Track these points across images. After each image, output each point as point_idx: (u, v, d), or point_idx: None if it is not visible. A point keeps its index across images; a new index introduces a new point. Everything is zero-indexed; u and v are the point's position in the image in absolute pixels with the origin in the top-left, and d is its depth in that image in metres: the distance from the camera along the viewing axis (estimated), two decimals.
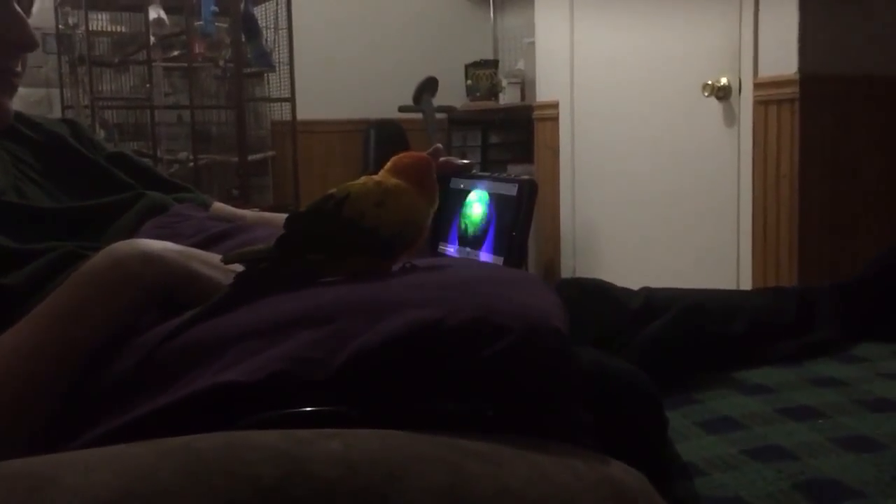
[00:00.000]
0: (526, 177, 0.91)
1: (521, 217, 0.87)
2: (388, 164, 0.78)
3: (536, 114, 3.88)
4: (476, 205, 0.94)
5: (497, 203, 0.91)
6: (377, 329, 0.57)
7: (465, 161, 0.96)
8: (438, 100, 4.10)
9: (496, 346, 0.56)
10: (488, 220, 0.91)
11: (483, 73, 4.46)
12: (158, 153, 3.83)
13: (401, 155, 0.78)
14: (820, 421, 0.88)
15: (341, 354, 0.57)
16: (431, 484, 0.44)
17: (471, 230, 0.94)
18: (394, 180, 0.74)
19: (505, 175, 0.93)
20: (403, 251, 0.73)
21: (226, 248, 0.90)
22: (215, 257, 0.78)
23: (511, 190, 0.89)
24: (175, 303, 0.71)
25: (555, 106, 3.73)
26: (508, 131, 4.49)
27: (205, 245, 0.89)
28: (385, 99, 4.24)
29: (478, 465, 0.47)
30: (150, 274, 0.71)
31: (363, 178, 0.76)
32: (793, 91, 2.68)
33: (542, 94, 3.84)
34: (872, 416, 0.88)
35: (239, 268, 0.79)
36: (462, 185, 0.96)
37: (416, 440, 0.49)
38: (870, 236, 2.74)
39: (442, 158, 0.94)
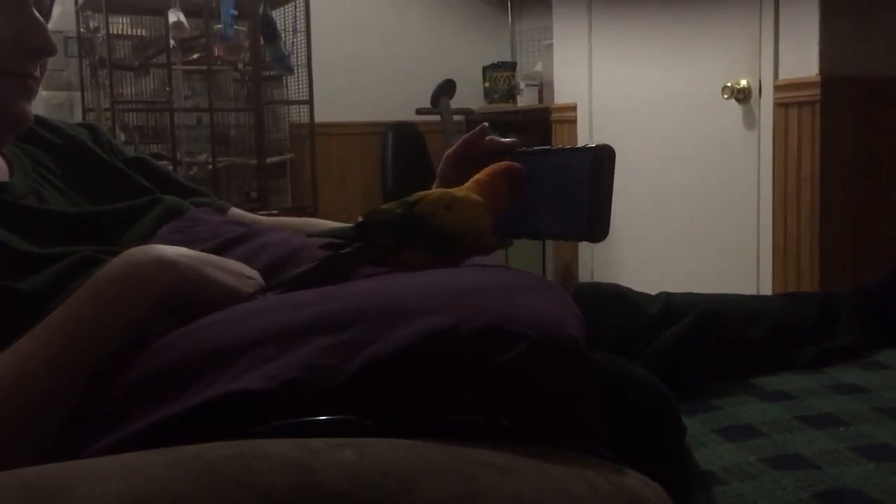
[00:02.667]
0: (598, 143, 0.86)
1: (602, 185, 0.82)
2: (478, 174, 0.83)
3: (554, 116, 3.87)
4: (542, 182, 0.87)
5: (569, 174, 0.85)
6: (390, 336, 0.57)
7: (511, 139, 0.94)
8: (456, 102, 4.09)
9: (510, 354, 0.56)
10: (559, 196, 0.85)
11: (501, 75, 4.46)
12: (178, 156, 3.86)
13: (478, 177, 0.83)
14: (841, 429, 0.87)
15: (354, 362, 0.56)
16: (444, 494, 0.44)
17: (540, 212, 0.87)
18: (465, 192, 0.81)
19: (570, 146, 0.88)
20: (465, 252, 0.80)
21: (241, 252, 0.90)
22: (230, 262, 0.78)
23: (582, 160, 0.83)
24: (190, 309, 0.71)
25: (573, 108, 3.71)
26: (526, 134, 4.48)
27: (220, 249, 0.90)
28: (403, 101, 4.25)
29: (491, 475, 0.46)
30: (165, 280, 0.71)
31: (440, 189, 0.84)
32: (814, 93, 2.65)
33: (560, 97, 3.83)
34: (894, 423, 0.87)
35: (256, 276, 0.79)
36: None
37: (429, 450, 0.48)
38: (894, 240, 2.71)
39: (487, 138, 0.93)
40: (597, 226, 0.82)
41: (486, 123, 0.98)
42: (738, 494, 0.76)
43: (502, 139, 0.93)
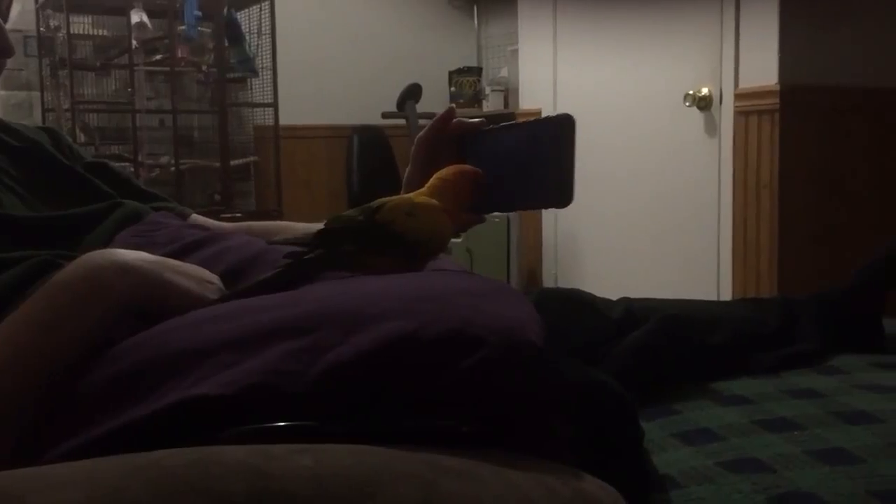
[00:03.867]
0: (558, 113, 0.87)
1: (564, 152, 0.83)
2: (431, 180, 0.84)
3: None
4: (508, 154, 0.90)
5: (532, 146, 0.87)
6: (352, 341, 0.57)
7: (478, 119, 0.95)
8: (422, 106, 4.10)
9: (471, 359, 0.56)
10: (526, 168, 0.87)
11: (467, 80, 4.47)
12: (140, 157, 3.81)
13: (441, 175, 0.84)
14: (797, 433, 0.88)
15: (316, 367, 0.56)
16: (403, 500, 0.44)
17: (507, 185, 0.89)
18: (426, 198, 0.82)
19: (532, 119, 0.90)
20: (426, 258, 0.81)
21: (202, 256, 0.90)
22: (190, 267, 0.78)
23: (544, 131, 0.86)
24: (150, 313, 0.71)
25: (537, 114, 3.74)
26: None
27: (180, 253, 0.89)
28: (369, 105, 4.24)
29: (452, 481, 0.46)
30: (123, 285, 0.70)
31: (400, 195, 0.84)
32: (773, 102, 2.70)
33: (526, 102, 3.85)
34: (849, 428, 0.89)
35: (216, 280, 0.78)
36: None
37: (389, 455, 0.48)
38: (852, 246, 2.76)
39: (455, 120, 0.95)
40: (563, 191, 0.84)
41: (453, 105, 1.00)
42: (696, 498, 0.77)
43: (470, 120, 0.95)
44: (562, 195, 0.84)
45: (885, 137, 2.87)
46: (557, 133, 0.84)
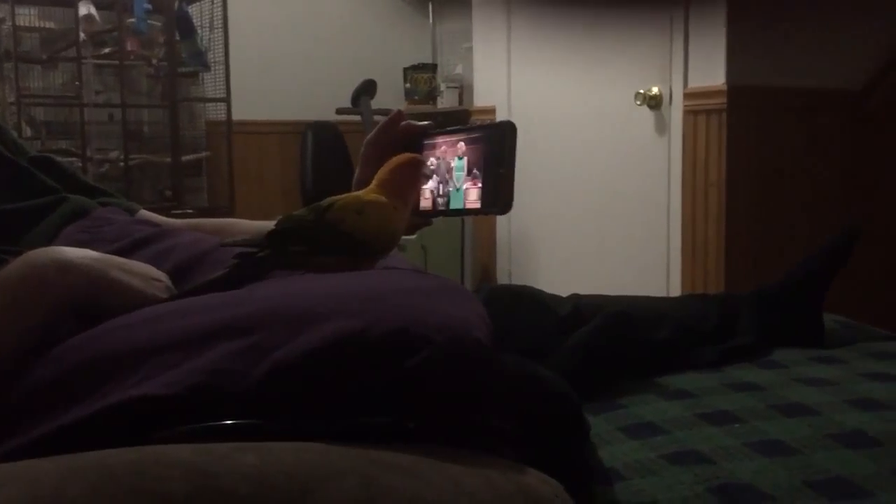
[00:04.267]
0: (501, 120, 0.90)
1: (505, 159, 0.84)
2: (379, 172, 0.85)
3: (474, 119, 3.91)
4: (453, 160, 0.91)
5: (475, 152, 0.88)
6: (298, 340, 0.57)
7: (426, 122, 0.96)
8: (377, 102, 4.08)
9: (417, 358, 0.57)
10: (470, 171, 0.88)
11: (422, 76, 4.47)
12: (88, 152, 3.74)
13: (388, 166, 0.85)
14: (737, 425, 0.91)
15: (262, 366, 0.56)
16: (346, 497, 0.44)
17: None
18: (375, 195, 0.82)
19: (477, 123, 0.91)
20: (376, 255, 0.81)
21: (150, 253, 0.89)
22: (136, 264, 0.77)
23: (486, 137, 0.87)
24: (95, 312, 0.70)
25: (492, 111, 3.75)
26: None
27: (127, 250, 0.88)
28: (323, 100, 4.22)
29: (393, 477, 0.47)
30: (66, 283, 0.69)
31: (350, 193, 0.84)
32: (720, 102, 2.75)
33: (480, 99, 3.87)
34: (786, 420, 0.91)
35: (164, 278, 0.78)
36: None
37: (333, 453, 0.49)
38: (795, 244, 2.83)
39: (403, 123, 0.95)
40: (502, 197, 0.84)
41: (401, 108, 1.00)
42: (639, 490, 0.79)
43: (417, 122, 0.95)
44: (503, 202, 0.85)
45: (819, 137, 2.95)
46: (501, 140, 0.85)
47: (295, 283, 0.75)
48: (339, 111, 4.08)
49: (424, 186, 0.90)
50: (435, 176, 0.91)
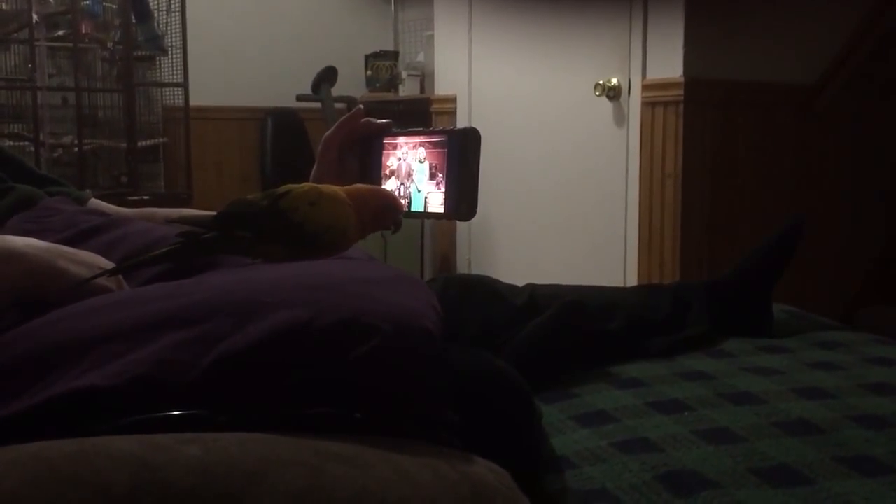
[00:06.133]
0: (463, 126, 0.88)
1: (469, 166, 0.84)
2: (356, 194, 0.83)
3: (435, 107, 3.90)
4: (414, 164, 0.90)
5: (438, 156, 0.87)
6: (244, 331, 0.57)
7: (386, 120, 0.95)
8: (338, 90, 4.06)
9: (364, 347, 0.57)
10: (433, 175, 0.88)
11: (383, 64, 4.45)
12: (42, 137, 3.66)
13: (367, 196, 0.84)
14: (686, 413, 0.92)
15: (208, 357, 0.56)
16: (290, 487, 0.44)
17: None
18: (333, 189, 0.81)
19: (440, 128, 0.90)
20: (325, 249, 0.80)
21: (99, 243, 0.87)
22: (84, 254, 0.76)
23: (450, 143, 0.86)
24: (40, 302, 0.69)
25: (453, 100, 3.75)
26: (407, 123, 4.48)
27: (76, 240, 0.87)
28: (283, 87, 4.17)
29: (338, 467, 0.47)
30: (11, 272, 0.68)
31: (308, 183, 0.84)
32: (677, 94, 2.78)
33: (441, 88, 3.86)
34: (733, 408, 0.93)
35: (108, 264, 0.77)
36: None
37: (277, 443, 0.48)
38: (747, 235, 2.88)
39: (363, 119, 0.94)
40: (465, 203, 0.84)
41: (361, 106, 0.99)
42: (588, 478, 0.80)
43: (378, 121, 0.95)
44: (466, 207, 0.85)
45: (774, 131, 2.99)
46: (465, 145, 0.84)
47: (243, 273, 0.74)
48: (300, 98, 4.05)
49: (384, 186, 0.89)
50: (394, 178, 0.91)
